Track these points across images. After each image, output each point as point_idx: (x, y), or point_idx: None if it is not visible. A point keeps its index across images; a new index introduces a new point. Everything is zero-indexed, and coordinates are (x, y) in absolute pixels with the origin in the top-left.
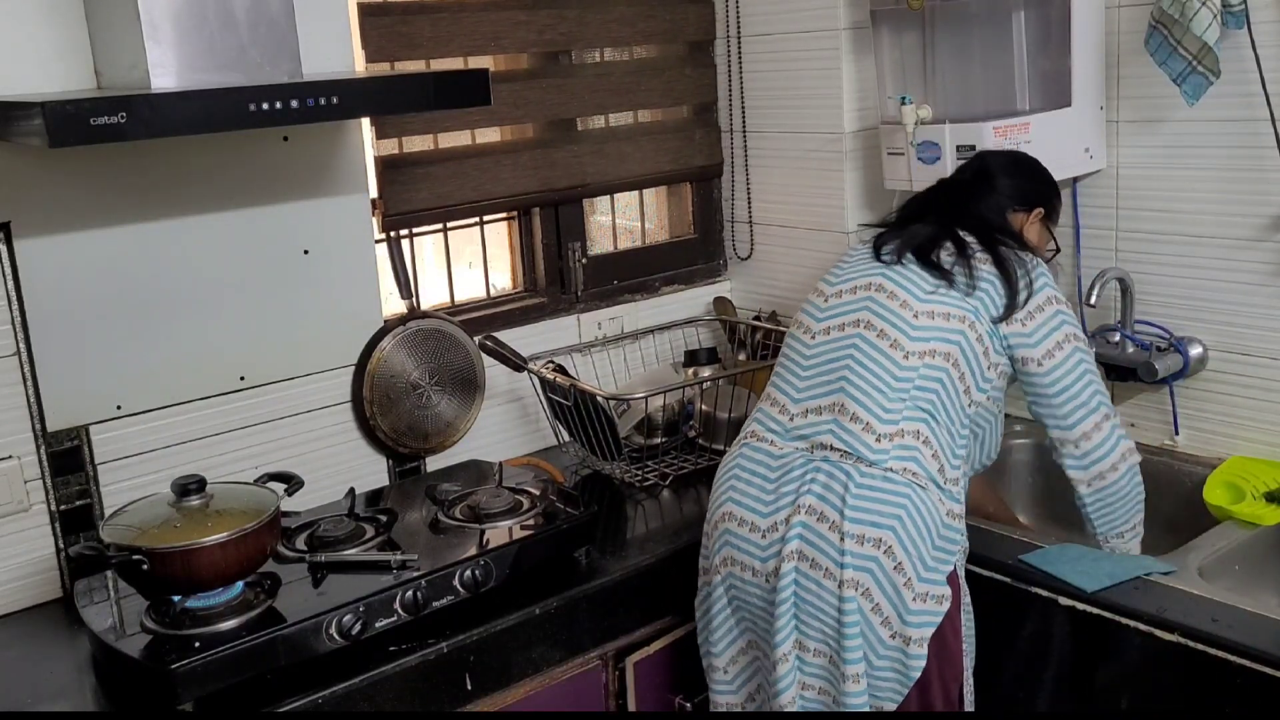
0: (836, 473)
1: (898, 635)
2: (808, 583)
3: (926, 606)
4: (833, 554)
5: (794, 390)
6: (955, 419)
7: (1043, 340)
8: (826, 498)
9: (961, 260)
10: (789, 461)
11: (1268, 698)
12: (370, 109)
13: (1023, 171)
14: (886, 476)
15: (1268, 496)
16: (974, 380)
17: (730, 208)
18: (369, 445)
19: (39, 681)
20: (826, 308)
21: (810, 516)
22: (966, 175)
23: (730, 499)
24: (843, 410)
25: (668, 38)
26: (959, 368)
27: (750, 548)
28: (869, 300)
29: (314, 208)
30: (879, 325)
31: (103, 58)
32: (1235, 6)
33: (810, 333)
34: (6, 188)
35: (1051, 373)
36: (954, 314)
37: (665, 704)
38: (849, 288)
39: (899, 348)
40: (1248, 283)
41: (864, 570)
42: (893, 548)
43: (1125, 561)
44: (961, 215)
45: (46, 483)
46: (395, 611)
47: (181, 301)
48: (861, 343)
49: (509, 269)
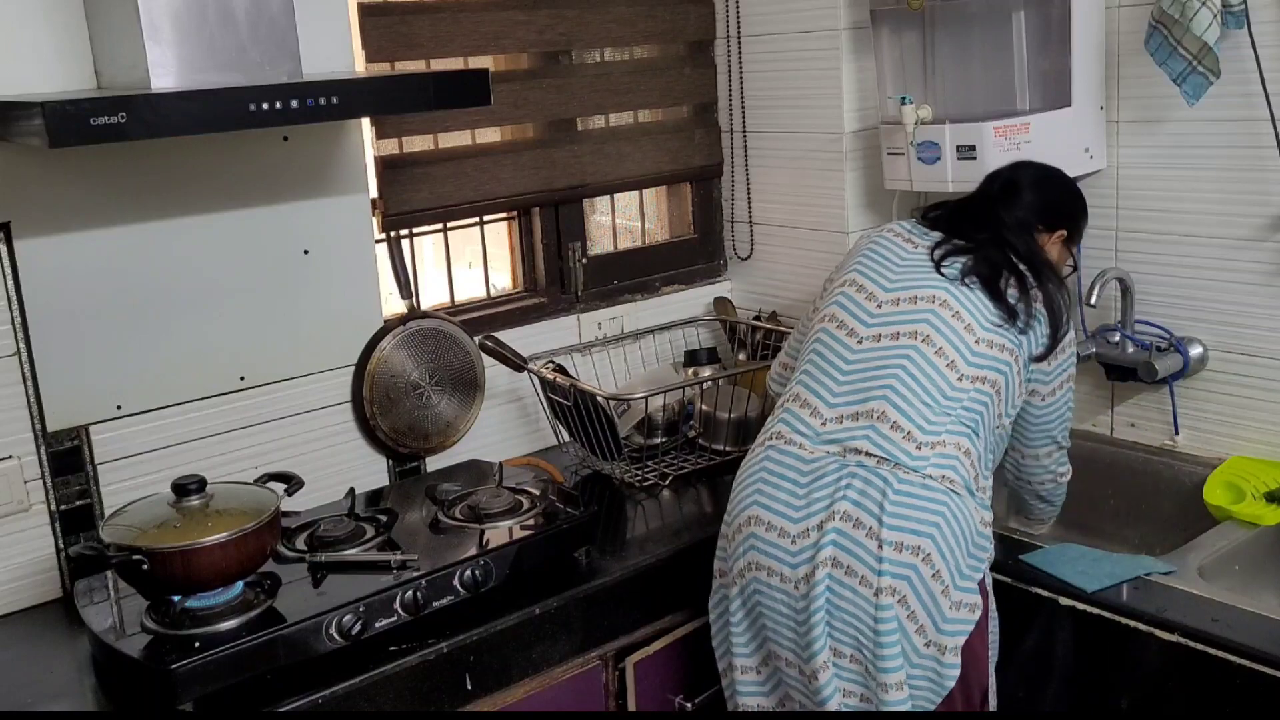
0: (874, 478)
1: (932, 644)
2: (842, 589)
3: (961, 615)
4: (870, 561)
5: (829, 394)
6: (989, 440)
7: (1054, 379)
8: (863, 504)
9: (1024, 299)
10: (821, 466)
11: (1268, 698)
12: (370, 109)
13: (1051, 189)
14: (925, 483)
15: (1268, 496)
16: (1005, 408)
17: (730, 208)
18: (369, 445)
19: (39, 681)
20: (880, 314)
21: (846, 523)
22: (994, 188)
23: (757, 503)
24: (882, 417)
25: (668, 38)
26: (1001, 395)
27: (779, 553)
28: (931, 314)
29: (314, 208)
30: (939, 342)
31: (103, 58)
32: (1235, 6)
33: (856, 336)
34: (6, 188)
35: (1048, 407)
36: (1008, 346)
37: (665, 704)
38: (908, 296)
39: (955, 369)
40: (1248, 283)
41: (902, 578)
42: (931, 555)
43: (1126, 561)
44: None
45: (46, 483)
46: (395, 611)
47: (181, 301)
48: (917, 355)
49: (509, 269)
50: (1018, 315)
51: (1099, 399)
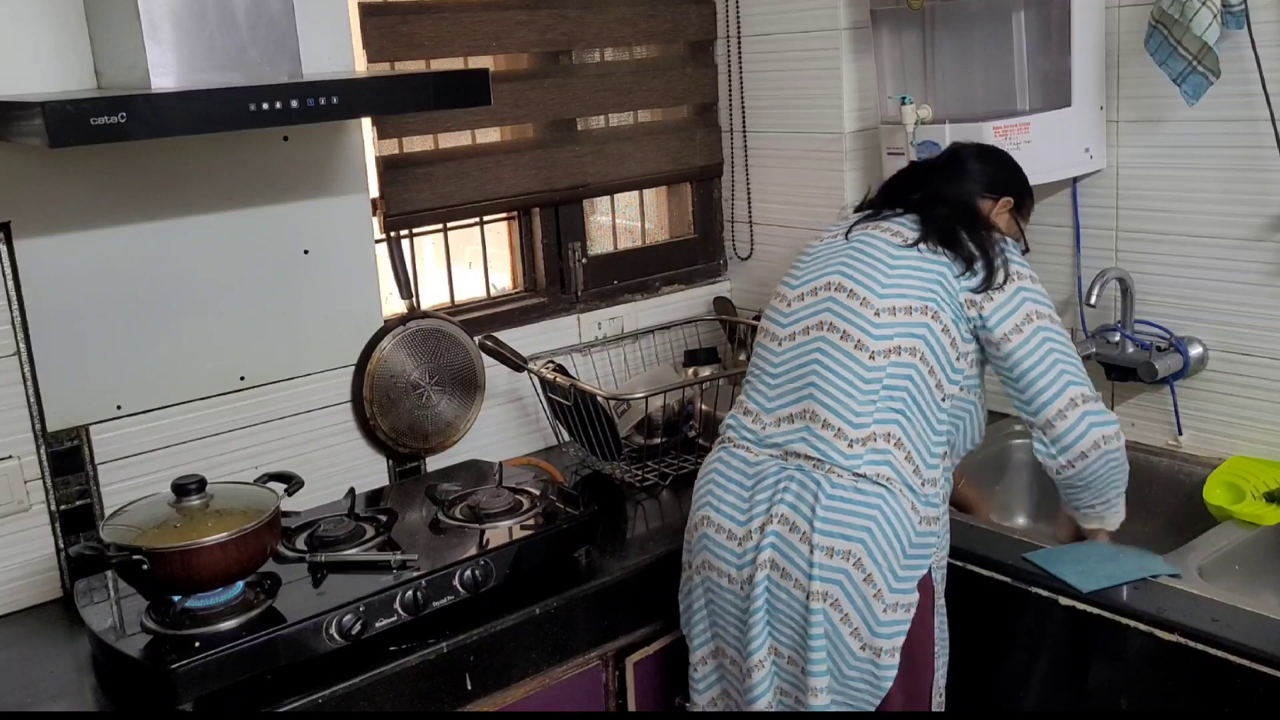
0: (808, 482)
1: (868, 647)
2: (779, 591)
3: (896, 616)
4: (802, 565)
5: (764, 400)
6: (930, 415)
7: (1004, 320)
8: (798, 507)
9: (947, 235)
10: (763, 469)
11: (1268, 698)
12: (370, 109)
13: (992, 160)
14: (857, 486)
15: (1268, 496)
16: (944, 373)
17: (730, 208)
18: (369, 445)
19: (39, 681)
20: (789, 312)
21: (783, 526)
22: (938, 161)
23: (708, 504)
24: (813, 417)
25: (668, 38)
26: (926, 362)
27: (726, 554)
28: (830, 301)
29: (314, 208)
30: (841, 326)
31: (103, 58)
32: (1235, 6)
33: (776, 339)
34: (6, 188)
35: (1012, 354)
36: (915, 306)
37: (665, 704)
38: (809, 289)
39: (863, 348)
40: (1248, 283)
41: (833, 582)
42: (862, 560)
43: (1129, 564)
44: (935, 200)
45: (46, 483)
46: (395, 611)
47: (181, 301)
48: (826, 345)
49: (509, 269)
50: (929, 239)
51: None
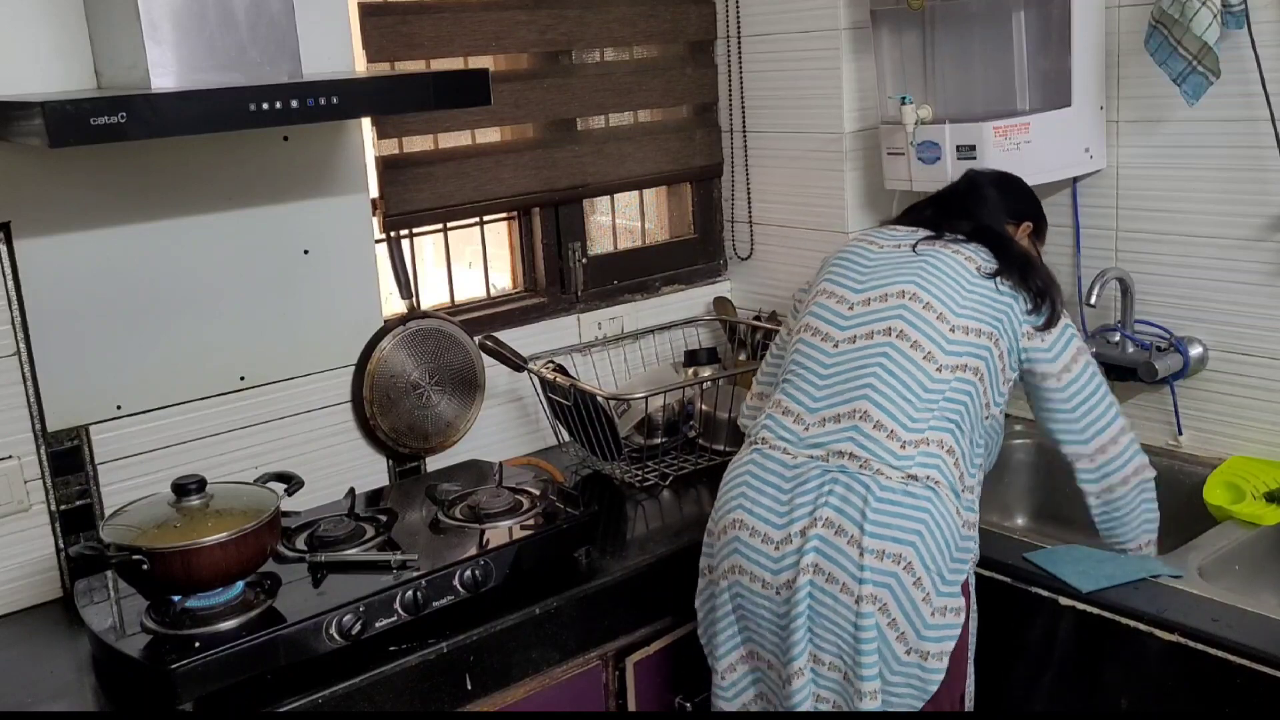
0: (855, 484)
1: (914, 651)
2: (824, 596)
3: (945, 620)
4: (851, 569)
5: (810, 400)
6: (977, 430)
7: (1060, 355)
8: (845, 510)
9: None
10: (804, 472)
11: (1268, 698)
12: (370, 109)
13: (1011, 188)
14: (908, 487)
15: (1268, 496)
16: (993, 395)
17: (730, 208)
18: (369, 445)
19: (39, 681)
20: (852, 315)
21: (828, 530)
22: (960, 187)
23: (741, 507)
24: (865, 417)
25: (668, 38)
26: (984, 382)
27: (761, 559)
28: (902, 309)
29: (314, 208)
30: (913, 336)
31: (103, 58)
32: (1235, 6)
33: (831, 340)
34: (6, 188)
35: (1069, 387)
36: (984, 330)
37: (665, 704)
38: (878, 294)
39: (933, 360)
40: (1248, 283)
41: (883, 586)
42: (913, 563)
43: (1129, 564)
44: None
45: (46, 483)
46: (395, 611)
47: (181, 301)
48: (893, 351)
49: (509, 269)
50: (1009, 275)
51: None
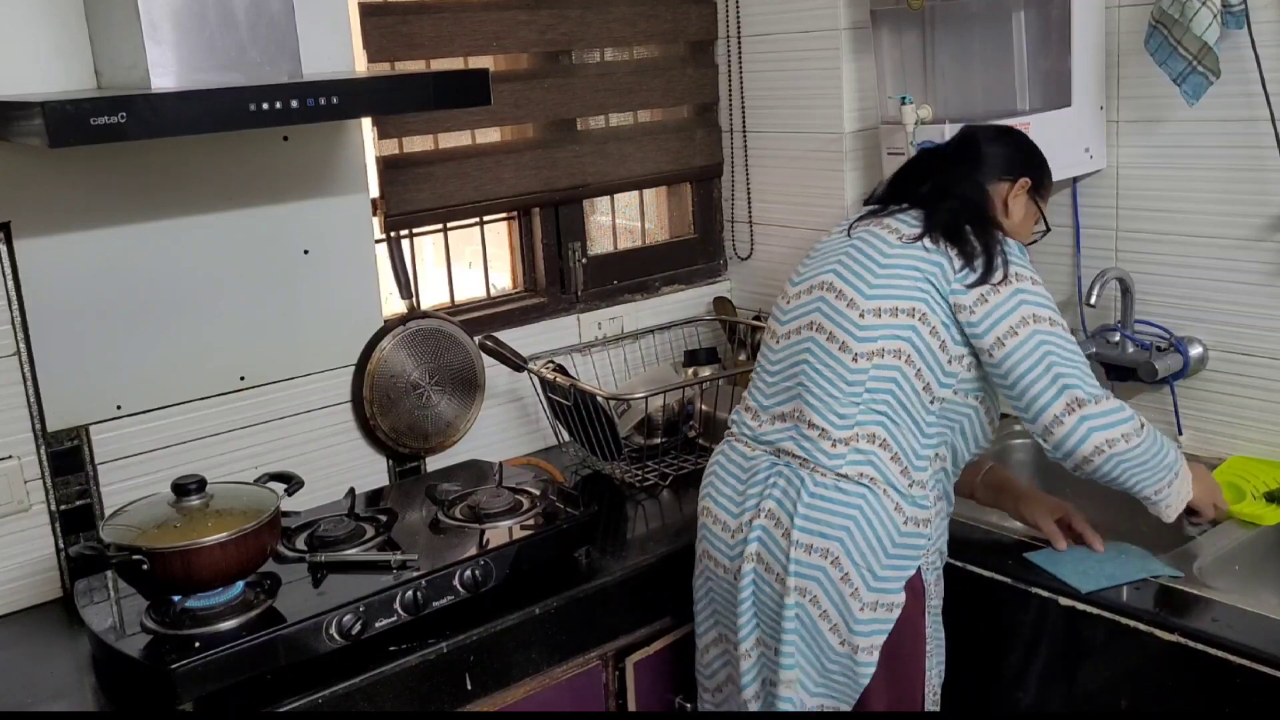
0: (794, 479)
1: (846, 643)
2: (763, 584)
3: (876, 615)
4: (782, 559)
5: (763, 397)
6: (918, 418)
7: (996, 324)
8: (783, 503)
9: (947, 231)
10: (756, 465)
11: (1268, 698)
12: (370, 109)
13: (1007, 140)
14: (839, 485)
15: (1268, 496)
16: (933, 376)
17: (730, 208)
18: (369, 445)
19: (39, 681)
20: (788, 309)
21: (769, 521)
22: (948, 147)
23: (709, 495)
24: (801, 417)
25: (669, 38)
26: (913, 364)
27: (721, 545)
28: (820, 301)
29: (314, 208)
30: (828, 327)
31: (103, 58)
32: (1235, 6)
33: (775, 337)
34: (6, 188)
35: (1004, 361)
36: (902, 308)
37: (665, 704)
38: (805, 287)
39: (847, 350)
40: (1248, 283)
41: (810, 579)
42: (839, 558)
43: (1129, 564)
44: (945, 193)
45: (46, 483)
46: (395, 611)
47: (181, 301)
48: (814, 346)
49: (509, 269)
50: (932, 233)
51: None
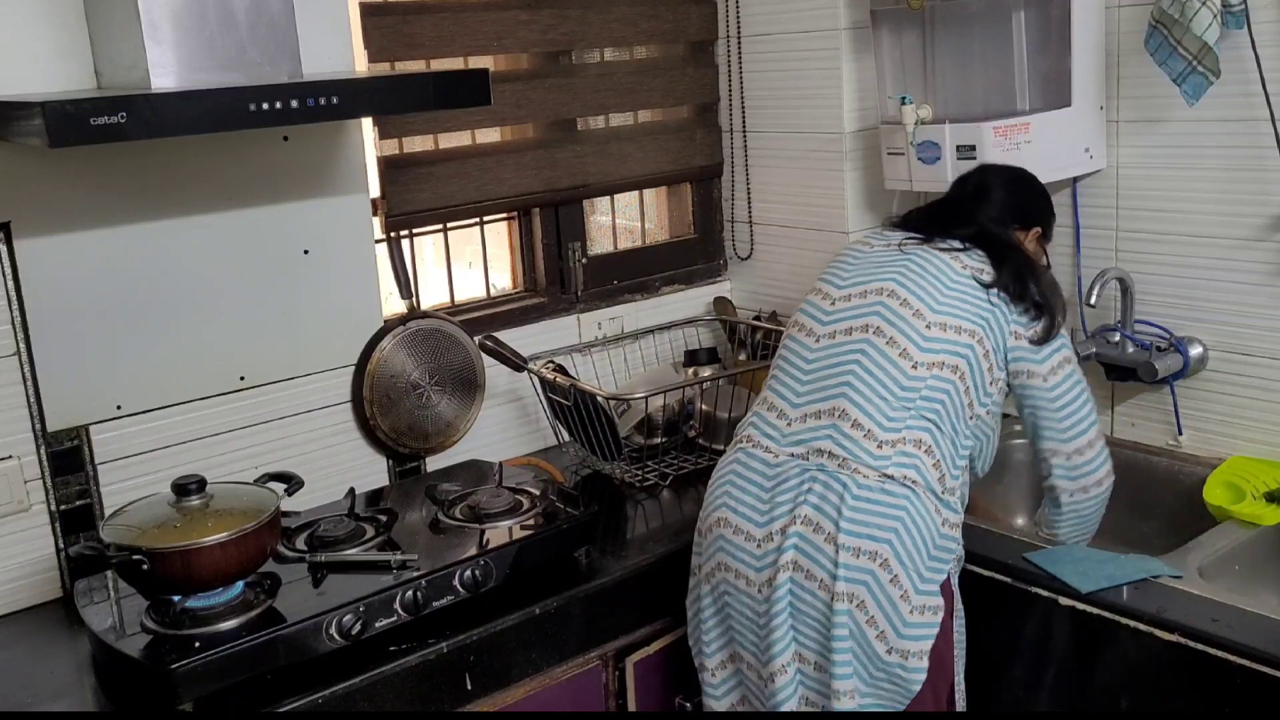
0: (833, 483)
1: (894, 650)
2: (803, 593)
3: (924, 619)
4: (828, 565)
5: (793, 395)
6: (959, 430)
7: (1048, 358)
8: (823, 508)
9: (1012, 280)
10: (785, 470)
11: (1268, 698)
12: (370, 109)
13: (1023, 189)
14: (884, 486)
15: (1268, 496)
16: (976, 394)
17: (730, 208)
18: (369, 445)
19: (39, 681)
20: (833, 310)
21: (806, 527)
22: (968, 189)
23: (725, 505)
24: (843, 416)
25: (669, 38)
26: (965, 381)
27: (745, 556)
28: (880, 306)
29: (314, 208)
30: (889, 332)
31: (103, 58)
32: (1235, 6)
33: (814, 336)
34: (6, 188)
35: (1056, 388)
36: (965, 327)
37: (665, 704)
38: (858, 291)
39: (908, 357)
40: (1248, 283)
41: (859, 583)
42: (889, 560)
43: (1129, 564)
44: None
45: (46, 483)
46: (395, 611)
47: (181, 301)
48: (870, 348)
49: (509, 269)
50: (1005, 288)
51: (1099, 399)
